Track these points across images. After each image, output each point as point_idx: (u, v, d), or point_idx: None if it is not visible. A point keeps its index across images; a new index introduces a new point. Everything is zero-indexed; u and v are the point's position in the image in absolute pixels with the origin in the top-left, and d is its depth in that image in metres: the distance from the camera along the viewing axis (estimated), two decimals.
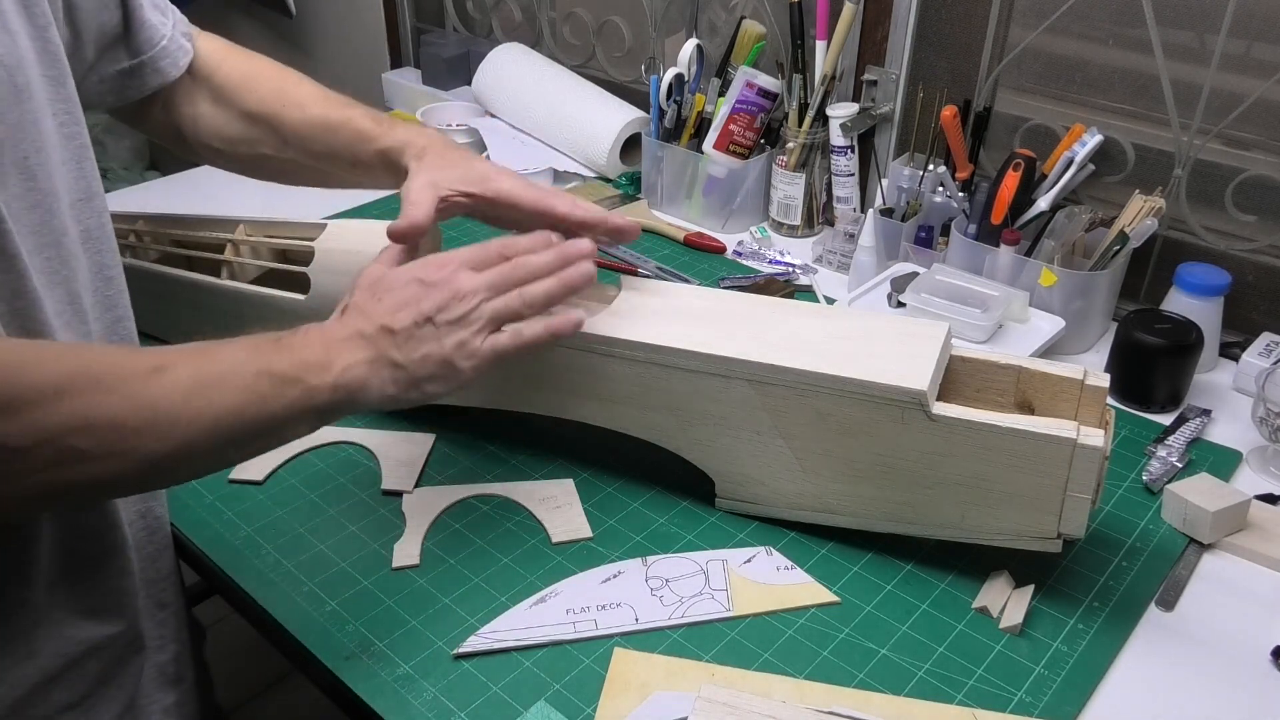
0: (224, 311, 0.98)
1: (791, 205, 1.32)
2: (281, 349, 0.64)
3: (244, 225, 1.01)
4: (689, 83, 1.34)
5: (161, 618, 0.76)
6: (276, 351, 0.64)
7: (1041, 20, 1.14)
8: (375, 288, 0.70)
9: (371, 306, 0.69)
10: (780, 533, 0.83)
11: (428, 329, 0.68)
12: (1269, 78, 1.01)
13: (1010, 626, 0.74)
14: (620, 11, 1.53)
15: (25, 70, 0.63)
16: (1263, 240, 1.07)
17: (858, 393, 0.75)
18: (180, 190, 1.46)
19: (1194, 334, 0.98)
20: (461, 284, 0.69)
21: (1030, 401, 0.80)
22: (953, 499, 0.76)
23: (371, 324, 0.67)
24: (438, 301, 0.68)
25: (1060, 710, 0.69)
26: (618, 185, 1.44)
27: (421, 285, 0.69)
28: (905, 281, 1.09)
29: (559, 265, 0.73)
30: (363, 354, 0.66)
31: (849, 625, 0.75)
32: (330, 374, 0.64)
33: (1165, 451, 0.93)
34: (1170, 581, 0.80)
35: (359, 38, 1.96)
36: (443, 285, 0.69)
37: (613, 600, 0.76)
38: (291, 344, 0.65)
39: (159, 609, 0.76)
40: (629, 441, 0.85)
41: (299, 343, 0.65)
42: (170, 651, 0.77)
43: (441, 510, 0.85)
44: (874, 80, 1.26)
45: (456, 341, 0.68)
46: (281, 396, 0.63)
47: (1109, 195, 1.15)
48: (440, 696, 0.69)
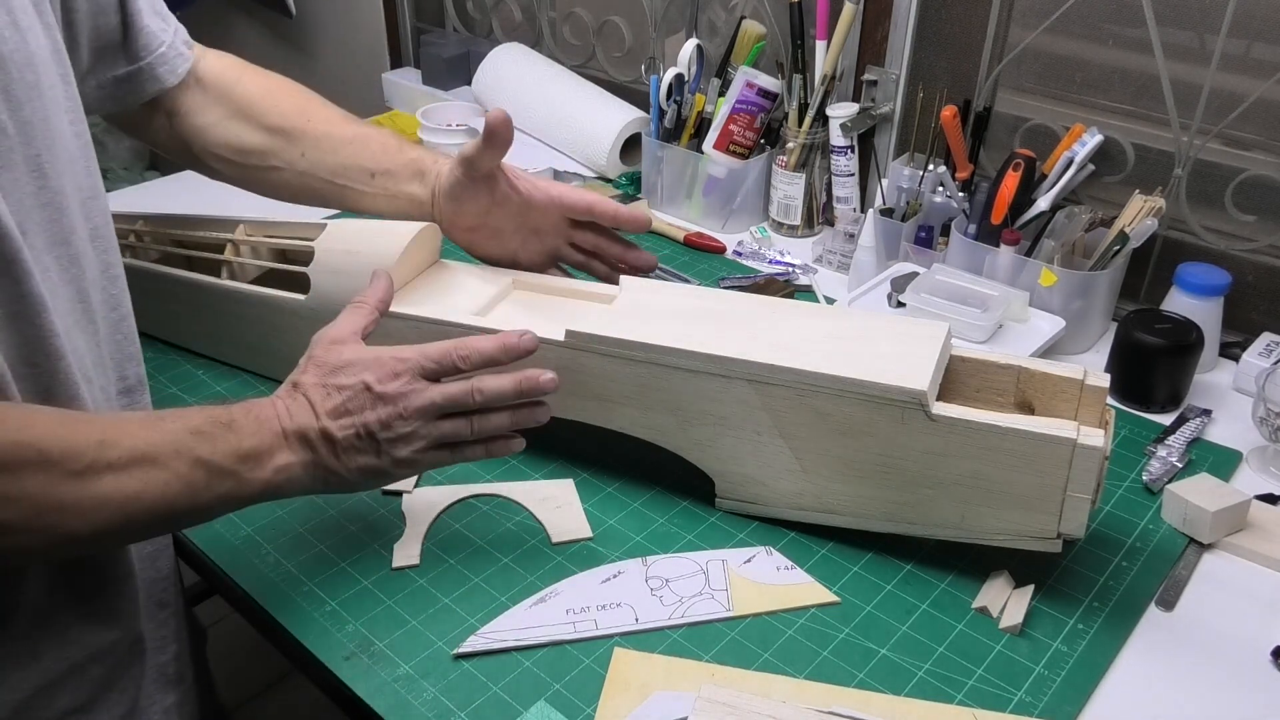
0: (224, 311, 0.98)
1: (791, 205, 1.32)
2: (227, 435, 0.64)
3: (244, 225, 1.01)
4: (689, 83, 1.34)
5: (162, 618, 0.76)
6: (222, 438, 0.63)
7: (1041, 20, 1.14)
8: (328, 370, 0.69)
9: (319, 399, 0.68)
10: (780, 533, 0.83)
11: (368, 443, 0.68)
12: (1269, 78, 1.01)
13: (1010, 626, 0.74)
14: (620, 11, 1.53)
15: (36, 67, 0.62)
16: (1263, 240, 1.07)
17: (858, 393, 0.75)
18: (180, 190, 1.45)
19: (1194, 334, 0.98)
20: (411, 402, 0.68)
21: (1030, 401, 0.80)
22: (953, 499, 0.76)
23: (315, 425, 0.67)
24: (382, 418, 0.68)
25: (1060, 710, 0.69)
26: (618, 185, 1.44)
27: (369, 394, 0.68)
28: (905, 281, 1.09)
29: (516, 397, 0.71)
30: (300, 455, 0.67)
31: (849, 625, 0.75)
32: (265, 470, 0.65)
33: (1165, 451, 0.93)
34: (1170, 581, 0.80)
35: (359, 38, 1.96)
36: (390, 400, 0.68)
37: (613, 600, 0.76)
38: (241, 428, 0.65)
39: (159, 609, 0.76)
40: (629, 441, 0.85)
41: (249, 428, 0.65)
42: (170, 652, 0.77)
43: (441, 510, 0.85)
44: (874, 80, 1.26)
45: (395, 458, 0.69)
46: (212, 489, 0.63)
47: (1109, 195, 1.15)
48: (440, 696, 0.69)
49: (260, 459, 0.65)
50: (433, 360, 0.70)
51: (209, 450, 0.62)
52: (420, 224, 0.92)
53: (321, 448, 0.67)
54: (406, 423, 0.68)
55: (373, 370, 0.69)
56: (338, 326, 0.73)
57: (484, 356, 0.71)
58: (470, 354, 0.71)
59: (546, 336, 0.83)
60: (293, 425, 0.67)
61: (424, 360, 0.70)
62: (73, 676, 0.68)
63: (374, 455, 0.68)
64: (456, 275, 0.95)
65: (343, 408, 0.67)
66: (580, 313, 0.88)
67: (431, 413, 0.69)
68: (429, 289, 0.92)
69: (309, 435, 0.67)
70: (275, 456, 0.66)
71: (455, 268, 0.97)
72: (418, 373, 0.69)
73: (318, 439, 0.67)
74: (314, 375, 0.69)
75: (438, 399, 0.69)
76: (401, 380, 0.68)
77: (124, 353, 0.73)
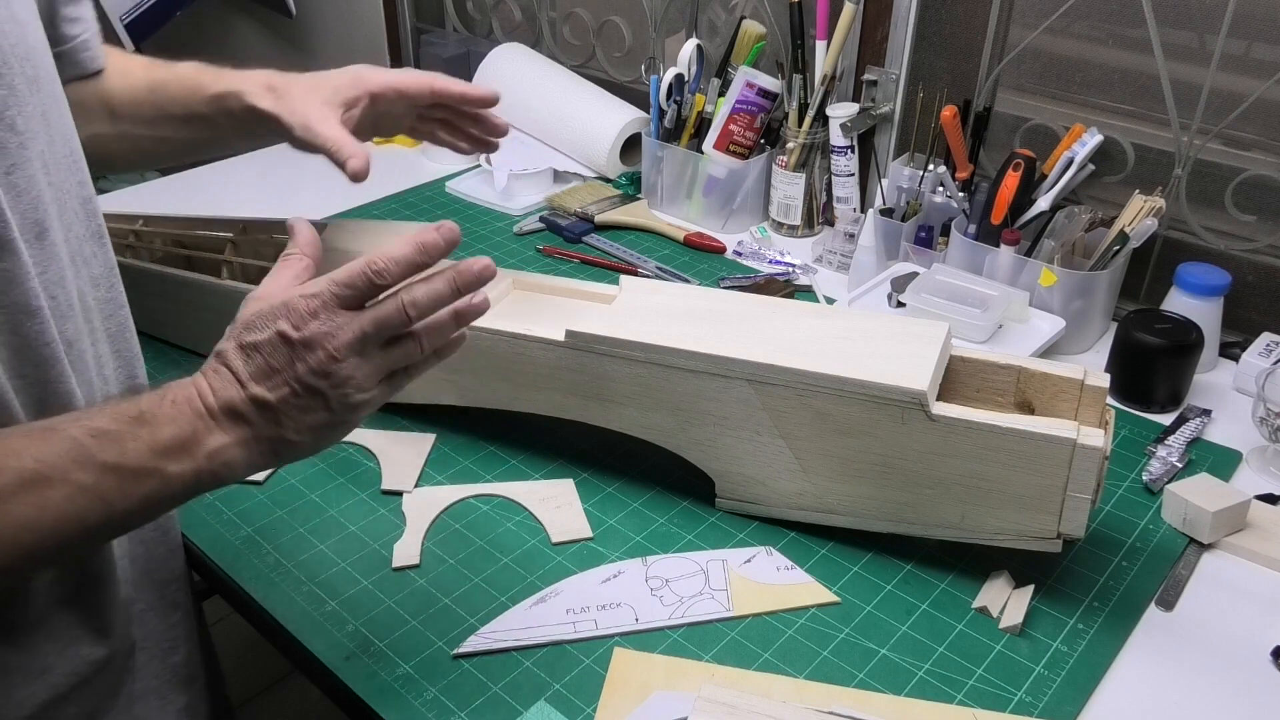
0: (224, 311, 0.98)
1: (791, 205, 1.31)
2: (138, 429, 0.55)
3: (244, 225, 1.01)
4: (689, 83, 1.34)
5: (174, 619, 0.75)
6: (132, 434, 0.55)
7: (1041, 20, 1.14)
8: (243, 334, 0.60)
9: (239, 364, 0.59)
10: (780, 533, 0.83)
11: (312, 399, 0.59)
12: (1269, 78, 1.01)
13: (1010, 626, 0.74)
14: (620, 11, 1.53)
15: (35, 61, 0.61)
16: (1263, 240, 1.07)
17: (858, 393, 0.75)
18: (180, 190, 1.46)
19: (1194, 334, 0.98)
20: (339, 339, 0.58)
21: (1030, 401, 0.80)
22: (953, 499, 0.76)
23: (242, 395, 0.58)
24: (314, 365, 0.58)
25: (1060, 710, 0.69)
26: (618, 185, 1.44)
27: (287, 343, 0.58)
28: (905, 281, 1.09)
29: (453, 298, 0.61)
30: (235, 434, 0.58)
31: (849, 625, 0.75)
32: (194, 460, 0.56)
33: (1165, 451, 0.93)
34: (1170, 581, 0.80)
35: (359, 38, 1.96)
36: (313, 343, 0.58)
37: (613, 600, 0.76)
38: (152, 419, 0.56)
39: (171, 610, 0.75)
40: (629, 441, 0.85)
41: (164, 416, 0.56)
42: (182, 653, 0.76)
43: (441, 510, 0.85)
44: (874, 80, 1.26)
45: (347, 404, 0.59)
46: (131, 494, 0.55)
47: (1109, 195, 1.15)
48: (440, 696, 0.69)
49: (185, 448, 0.56)
50: (344, 285, 0.59)
51: (116, 453, 0.54)
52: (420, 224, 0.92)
53: (256, 418, 0.58)
54: (343, 364, 0.58)
55: (284, 317, 0.59)
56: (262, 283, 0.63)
57: (401, 265, 0.60)
58: (384, 266, 0.60)
59: (546, 336, 0.83)
60: (217, 401, 0.58)
61: (335, 288, 0.59)
62: (80, 688, 0.67)
63: (323, 410, 0.59)
64: None
65: (266, 367, 0.58)
66: (580, 313, 0.88)
67: (367, 344, 0.59)
68: None
69: (237, 408, 0.58)
70: (204, 441, 0.57)
71: None
72: (333, 304, 0.59)
73: (249, 409, 0.58)
74: (232, 339, 0.60)
75: (368, 328, 0.59)
76: (319, 319, 0.58)
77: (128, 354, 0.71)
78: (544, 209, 1.37)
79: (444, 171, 1.49)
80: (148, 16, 2.10)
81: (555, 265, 1.24)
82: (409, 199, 1.41)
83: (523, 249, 1.28)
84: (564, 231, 1.30)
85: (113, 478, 0.54)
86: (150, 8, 2.09)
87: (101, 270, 0.68)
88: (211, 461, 0.57)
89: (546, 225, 1.33)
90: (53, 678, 0.65)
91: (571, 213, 1.33)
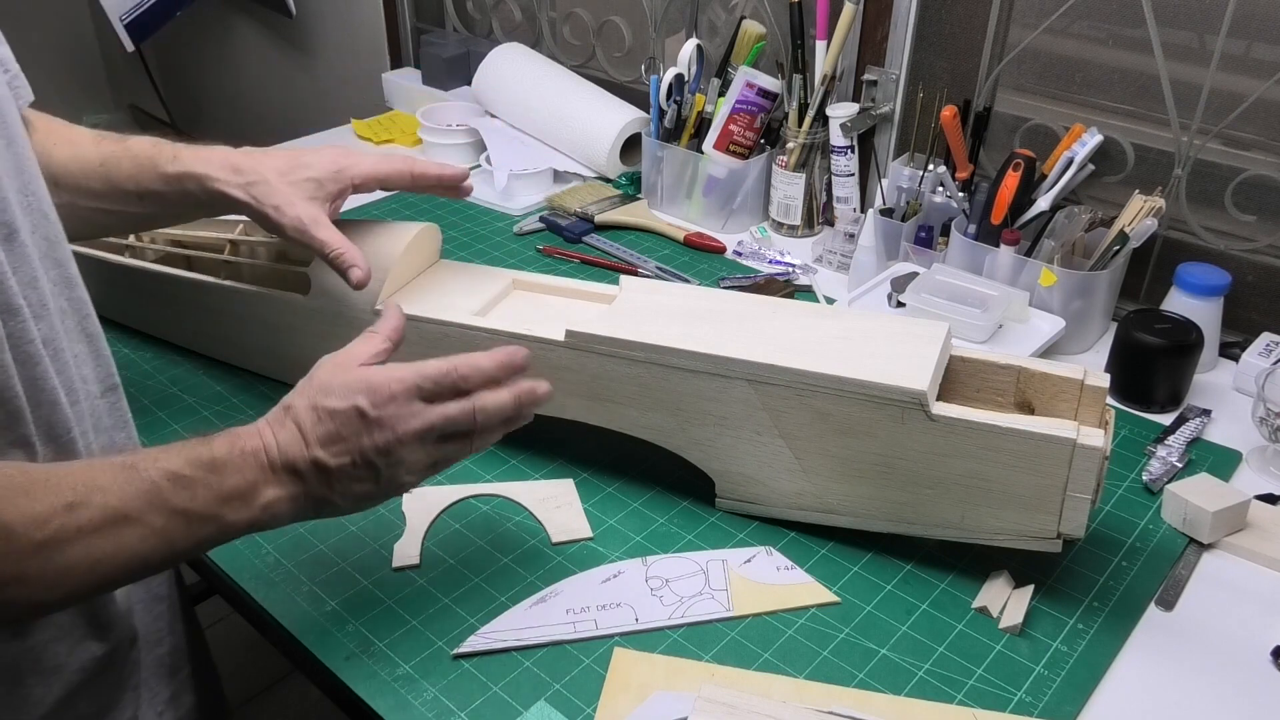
0: (224, 311, 0.98)
1: (791, 205, 1.31)
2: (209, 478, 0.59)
3: (244, 225, 1.01)
4: (689, 83, 1.34)
5: (158, 611, 0.76)
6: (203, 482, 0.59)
7: (1041, 20, 1.14)
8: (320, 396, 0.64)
9: (309, 426, 0.63)
10: (780, 533, 0.83)
11: (365, 470, 0.64)
12: (1269, 78, 1.01)
13: (1010, 626, 0.74)
14: (620, 11, 1.53)
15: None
16: (1263, 240, 1.07)
17: (858, 393, 0.75)
18: None
19: (1194, 334, 0.98)
20: (410, 426, 0.64)
21: (1030, 401, 0.80)
22: (953, 499, 0.76)
23: (304, 456, 0.62)
24: (378, 444, 0.63)
25: (1060, 710, 0.69)
26: (618, 185, 1.44)
27: (362, 419, 0.63)
28: (905, 281, 1.09)
29: (514, 412, 0.68)
30: (289, 489, 0.62)
31: (849, 625, 0.75)
32: (250, 510, 0.61)
33: (1165, 451, 0.93)
34: (1170, 581, 0.80)
35: (359, 38, 1.96)
36: (385, 425, 0.63)
37: (613, 600, 0.76)
38: (225, 467, 0.60)
39: (155, 602, 0.76)
40: (629, 441, 0.85)
41: (233, 465, 0.60)
42: (167, 645, 0.77)
43: (441, 510, 0.85)
44: (874, 80, 1.26)
45: (395, 484, 0.65)
46: (191, 536, 0.59)
47: (1109, 195, 1.15)
48: (440, 696, 0.69)
49: (245, 498, 0.60)
50: (431, 380, 0.65)
51: (187, 499, 0.58)
52: (420, 224, 0.92)
53: (312, 478, 0.63)
54: (405, 448, 0.64)
55: (366, 394, 0.64)
56: (343, 351, 0.69)
57: (484, 376, 0.67)
58: (471, 374, 0.66)
59: (546, 336, 0.83)
60: (281, 458, 0.62)
61: (421, 381, 0.65)
62: (90, 683, 0.68)
63: (372, 482, 0.64)
64: (456, 275, 0.95)
65: (335, 434, 0.63)
66: (580, 313, 0.88)
67: (429, 436, 0.65)
68: (429, 289, 0.92)
69: (298, 467, 0.62)
70: (261, 493, 0.61)
71: (455, 268, 0.97)
72: (414, 395, 0.65)
73: (308, 470, 0.62)
74: (306, 398, 0.64)
75: (436, 421, 0.65)
76: (397, 403, 0.64)
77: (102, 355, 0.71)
78: (544, 209, 1.37)
79: None
80: (148, 17, 2.10)
81: (555, 265, 1.24)
82: (409, 199, 1.41)
83: (523, 249, 1.28)
84: (564, 231, 1.30)
85: (180, 521, 0.58)
86: (150, 8, 2.09)
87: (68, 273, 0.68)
88: (264, 512, 0.62)
89: (546, 225, 1.33)
90: (65, 675, 0.66)
91: (571, 213, 1.33)
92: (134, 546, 0.57)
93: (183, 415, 0.96)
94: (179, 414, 0.96)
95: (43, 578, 0.54)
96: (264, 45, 2.22)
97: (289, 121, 2.22)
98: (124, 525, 0.56)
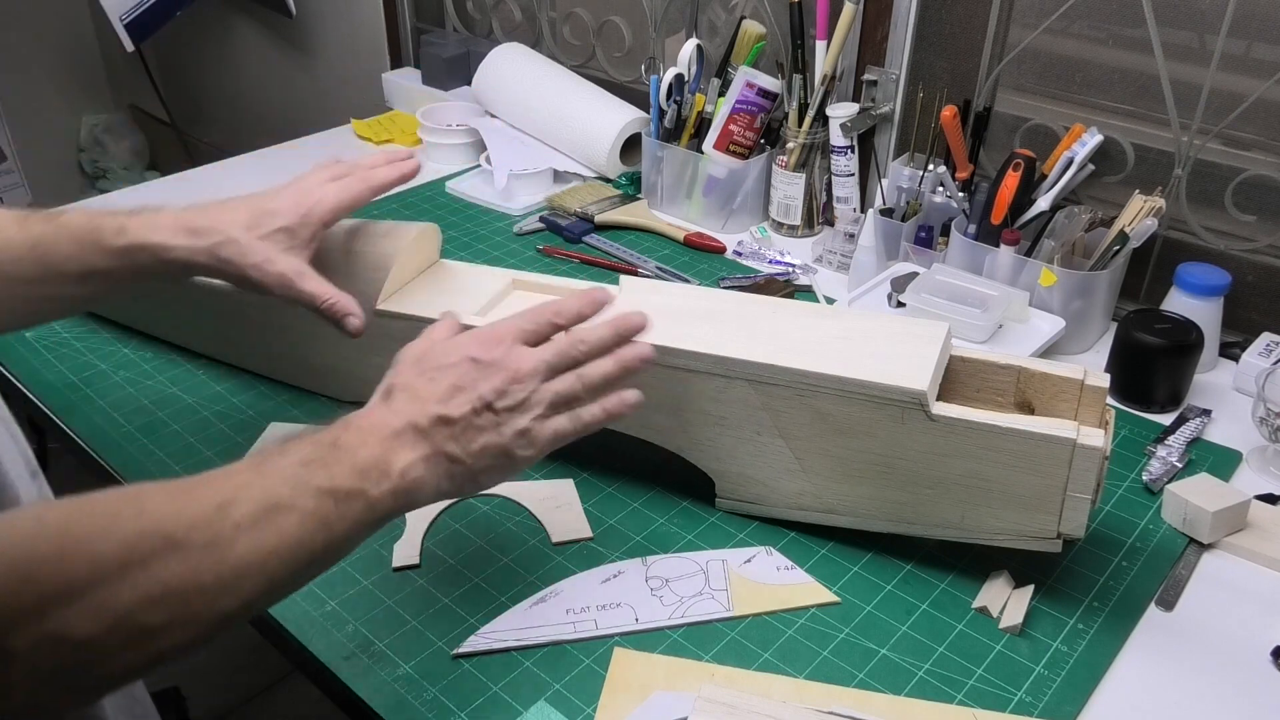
0: (225, 312, 0.98)
1: (791, 205, 1.31)
2: (338, 454, 0.58)
3: None
4: (689, 83, 1.34)
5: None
6: (335, 459, 0.58)
7: (1041, 20, 1.14)
8: (423, 363, 0.65)
9: (423, 388, 0.63)
10: (780, 533, 0.83)
11: (486, 416, 0.63)
12: (1269, 78, 1.01)
13: (1010, 626, 0.74)
14: (620, 11, 1.53)
15: None
16: (1263, 240, 1.07)
17: (858, 393, 0.75)
18: (180, 190, 1.46)
19: (1194, 334, 0.98)
20: (520, 364, 0.64)
21: (1030, 401, 0.80)
22: (953, 499, 0.76)
23: (426, 413, 0.62)
24: (496, 385, 0.63)
25: (1060, 710, 0.69)
26: (618, 185, 1.44)
27: (476, 365, 0.63)
28: (905, 281, 1.09)
29: (615, 342, 0.68)
30: (420, 450, 0.61)
31: (849, 625, 0.75)
32: (390, 479, 0.59)
33: (1165, 451, 0.93)
34: (1170, 581, 0.80)
35: (359, 38, 1.96)
36: (499, 365, 0.64)
37: (613, 600, 0.76)
38: (347, 444, 0.59)
39: None
40: (629, 441, 0.85)
41: (353, 441, 0.60)
42: None
43: (441, 510, 0.85)
44: (874, 80, 1.26)
45: (516, 430, 0.64)
46: (345, 517, 0.57)
47: (1109, 195, 1.15)
48: (440, 696, 0.69)
49: (380, 467, 0.59)
50: (530, 322, 0.67)
51: (327, 477, 0.57)
52: (420, 224, 0.92)
53: (438, 434, 0.62)
54: (522, 386, 0.63)
55: (473, 344, 0.65)
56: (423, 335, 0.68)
57: (573, 313, 0.68)
58: (562, 308, 0.68)
59: None
60: (401, 421, 0.61)
61: (522, 323, 0.67)
62: None
63: (494, 431, 0.63)
64: (457, 275, 0.95)
65: (453, 386, 0.63)
66: None
67: (543, 372, 0.65)
68: (429, 289, 0.92)
69: (420, 425, 0.61)
70: (395, 459, 0.60)
71: (455, 268, 0.97)
72: (519, 337, 0.66)
73: (432, 425, 0.62)
74: (410, 372, 0.64)
75: (548, 356, 0.65)
76: (505, 346, 0.65)
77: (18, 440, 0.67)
78: (544, 209, 1.37)
79: (444, 171, 1.49)
80: (148, 16, 2.10)
81: (555, 265, 1.24)
82: (409, 199, 1.41)
83: (523, 249, 1.28)
84: (564, 231, 1.30)
85: (329, 501, 0.56)
86: (150, 8, 2.09)
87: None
88: (404, 479, 0.60)
89: (546, 225, 1.33)
90: None
91: (571, 213, 1.33)
92: (295, 533, 0.55)
93: (183, 415, 0.96)
94: (179, 414, 0.96)
95: (220, 582, 0.52)
96: (264, 45, 2.22)
97: (289, 121, 2.22)
98: (279, 514, 0.54)
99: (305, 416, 0.96)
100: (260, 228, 0.78)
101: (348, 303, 0.78)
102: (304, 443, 0.59)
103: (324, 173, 0.84)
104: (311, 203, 0.80)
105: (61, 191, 2.49)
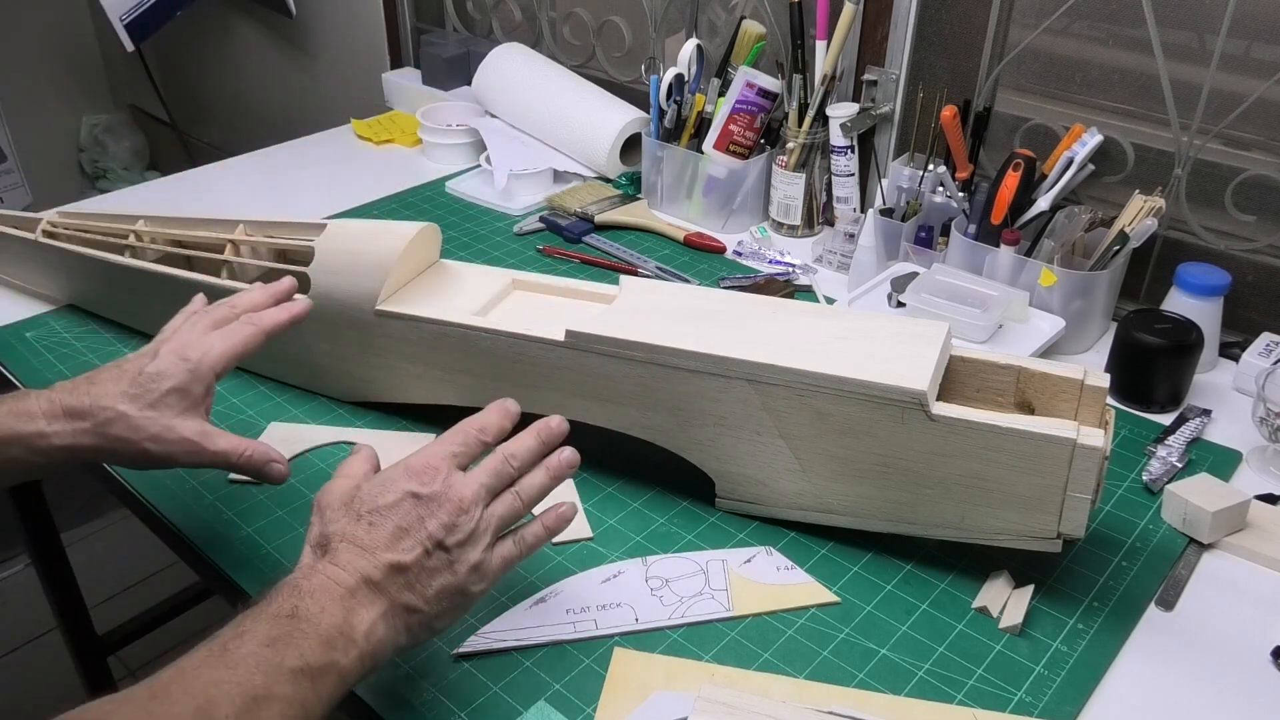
0: None
1: (791, 205, 1.32)
2: (301, 626, 0.55)
3: (244, 225, 1.01)
4: (689, 83, 1.34)
5: None
6: (299, 633, 0.55)
7: (1041, 20, 1.14)
8: (355, 506, 0.61)
9: (365, 535, 0.60)
10: (780, 533, 0.83)
11: (439, 556, 0.60)
12: (1269, 78, 1.01)
13: (1010, 626, 0.74)
14: (620, 11, 1.53)
15: None
16: (1263, 240, 1.07)
17: (858, 393, 0.75)
18: (180, 190, 1.46)
19: (1194, 334, 0.98)
20: (463, 493, 0.62)
21: (1030, 401, 0.80)
22: (953, 499, 0.76)
23: (376, 563, 0.59)
24: (444, 520, 0.61)
25: (1060, 710, 0.69)
26: (618, 185, 1.44)
27: (418, 501, 0.61)
28: (905, 281, 1.09)
29: (543, 452, 0.67)
30: (377, 607, 0.58)
31: (849, 625, 0.75)
32: (356, 645, 0.57)
33: (1165, 451, 0.93)
34: (1170, 581, 0.80)
35: (359, 38, 1.96)
36: (442, 498, 0.61)
37: (613, 600, 0.76)
38: (306, 614, 0.56)
39: None
40: (629, 441, 0.85)
41: (311, 609, 0.56)
42: None
43: None
44: (874, 80, 1.26)
45: (470, 565, 0.62)
46: (321, 695, 0.55)
47: (1109, 195, 1.15)
48: (440, 696, 0.69)
49: (346, 633, 0.57)
50: (459, 445, 0.65)
51: (297, 655, 0.54)
52: (420, 224, 0.92)
53: (392, 585, 0.59)
54: (469, 516, 0.61)
55: (408, 479, 0.62)
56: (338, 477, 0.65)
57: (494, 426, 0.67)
58: (484, 424, 0.67)
59: (546, 336, 0.83)
60: (354, 577, 0.58)
61: (451, 448, 0.64)
62: None
63: (449, 571, 0.61)
64: (456, 275, 0.95)
65: (399, 529, 0.60)
66: (580, 313, 0.88)
67: (484, 498, 0.63)
68: (429, 289, 0.92)
69: (373, 578, 0.59)
70: (357, 621, 0.57)
71: (455, 268, 0.97)
72: (452, 463, 0.63)
73: (385, 576, 0.59)
74: (343, 518, 0.61)
75: (484, 479, 0.63)
76: (441, 474, 0.62)
77: None
78: (544, 209, 1.37)
79: (444, 171, 1.49)
80: (148, 16, 2.10)
81: (555, 265, 1.24)
82: (409, 199, 1.41)
83: (523, 249, 1.28)
84: (564, 231, 1.30)
85: (305, 681, 0.54)
86: (150, 8, 2.09)
87: None
88: (368, 641, 0.58)
89: (546, 225, 1.33)
90: None
91: (571, 213, 1.33)
92: None
93: None
94: None
95: None
96: (264, 45, 2.22)
97: (289, 121, 2.23)
98: (261, 706, 0.52)
99: (305, 416, 0.96)
100: (147, 395, 0.71)
101: (265, 450, 0.73)
102: (259, 620, 0.55)
103: (201, 320, 0.77)
104: (198, 356, 0.73)
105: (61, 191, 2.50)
